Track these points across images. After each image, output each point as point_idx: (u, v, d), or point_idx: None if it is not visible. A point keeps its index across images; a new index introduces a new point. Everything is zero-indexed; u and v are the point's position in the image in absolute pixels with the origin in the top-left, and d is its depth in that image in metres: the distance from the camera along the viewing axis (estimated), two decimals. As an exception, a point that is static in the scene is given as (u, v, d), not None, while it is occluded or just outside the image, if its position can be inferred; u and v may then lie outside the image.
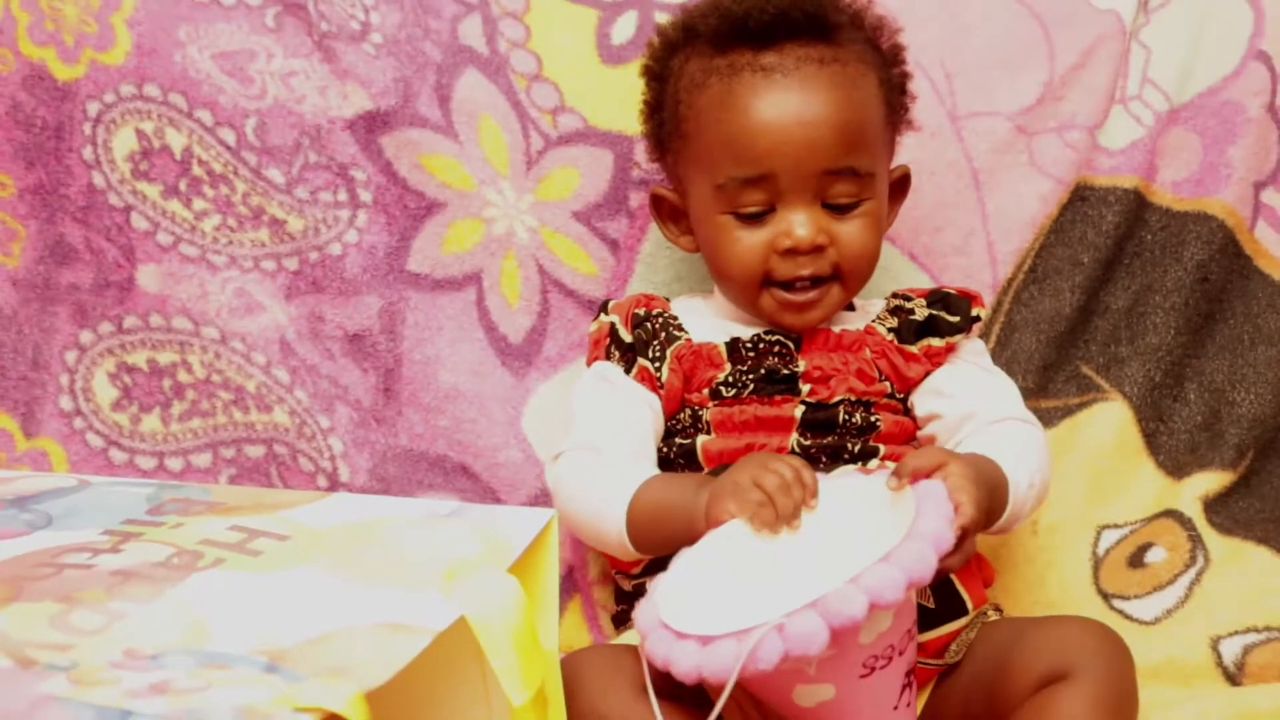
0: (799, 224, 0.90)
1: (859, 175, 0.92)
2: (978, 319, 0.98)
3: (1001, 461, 0.87)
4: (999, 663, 0.85)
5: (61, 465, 1.03)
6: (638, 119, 1.01)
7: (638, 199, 1.07)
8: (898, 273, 1.09)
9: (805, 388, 0.93)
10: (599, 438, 0.91)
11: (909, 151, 1.09)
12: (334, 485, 1.04)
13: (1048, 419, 1.10)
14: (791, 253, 0.91)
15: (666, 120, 0.97)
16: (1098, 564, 1.05)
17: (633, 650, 0.85)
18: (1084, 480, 1.08)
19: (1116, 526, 1.07)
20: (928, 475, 0.78)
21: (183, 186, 1.05)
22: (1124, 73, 1.12)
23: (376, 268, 1.06)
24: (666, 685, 0.81)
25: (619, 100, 1.06)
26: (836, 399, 0.92)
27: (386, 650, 0.60)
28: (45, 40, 1.04)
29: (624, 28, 1.08)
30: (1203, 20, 1.13)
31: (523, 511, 0.75)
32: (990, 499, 0.81)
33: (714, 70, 0.93)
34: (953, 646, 0.87)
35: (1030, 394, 1.10)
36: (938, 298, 0.98)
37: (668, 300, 1.00)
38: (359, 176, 1.06)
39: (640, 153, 1.06)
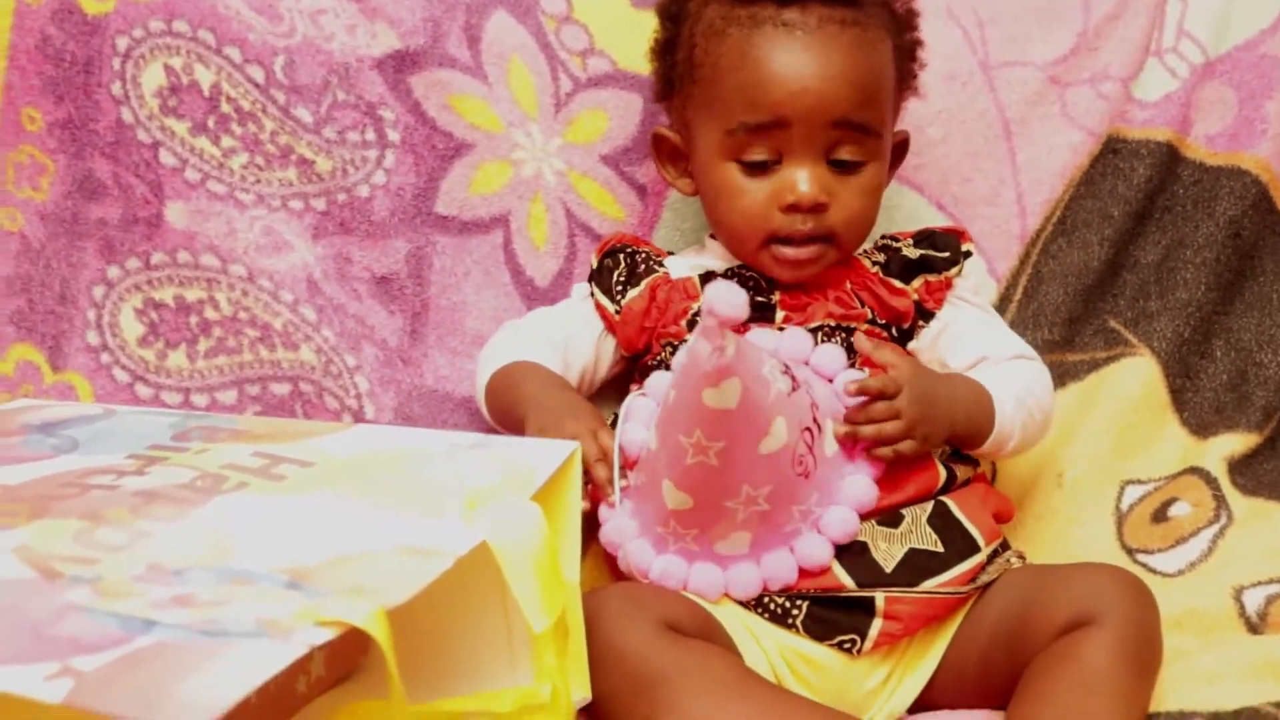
0: (803, 180, 0.92)
1: (867, 134, 0.93)
2: (968, 254, 0.99)
3: (987, 384, 0.92)
4: (1022, 608, 0.84)
5: (88, 399, 1.04)
6: (647, 57, 1.01)
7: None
8: (927, 222, 1.08)
9: (780, 314, 0.94)
10: (521, 332, 1.01)
11: (940, 100, 1.08)
12: (359, 422, 1.04)
13: (1074, 372, 1.10)
14: (794, 208, 0.92)
15: (679, 63, 0.97)
16: (1121, 519, 1.05)
17: (652, 587, 0.86)
18: (1109, 435, 1.07)
19: (1140, 482, 1.06)
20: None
21: (211, 124, 1.05)
22: (1159, 25, 1.11)
23: (404, 210, 1.06)
24: (679, 623, 0.82)
25: (649, 43, 1.05)
26: (814, 324, 0.94)
27: (408, 572, 0.61)
28: (76, -25, 1.04)
29: (654, -29, 1.07)
30: (1240, -28, 1.11)
31: (546, 443, 0.75)
32: (944, 404, 0.89)
33: (735, 20, 0.93)
34: (976, 579, 0.87)
35: (1056, 347, 1.09)
36: (924, 236, 1.00)
37: (666, 252, 1.03)
38: (387, 116, 1.06)
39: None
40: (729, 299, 0.72)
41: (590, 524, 0.98)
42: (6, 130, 1.04)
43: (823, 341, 0.93)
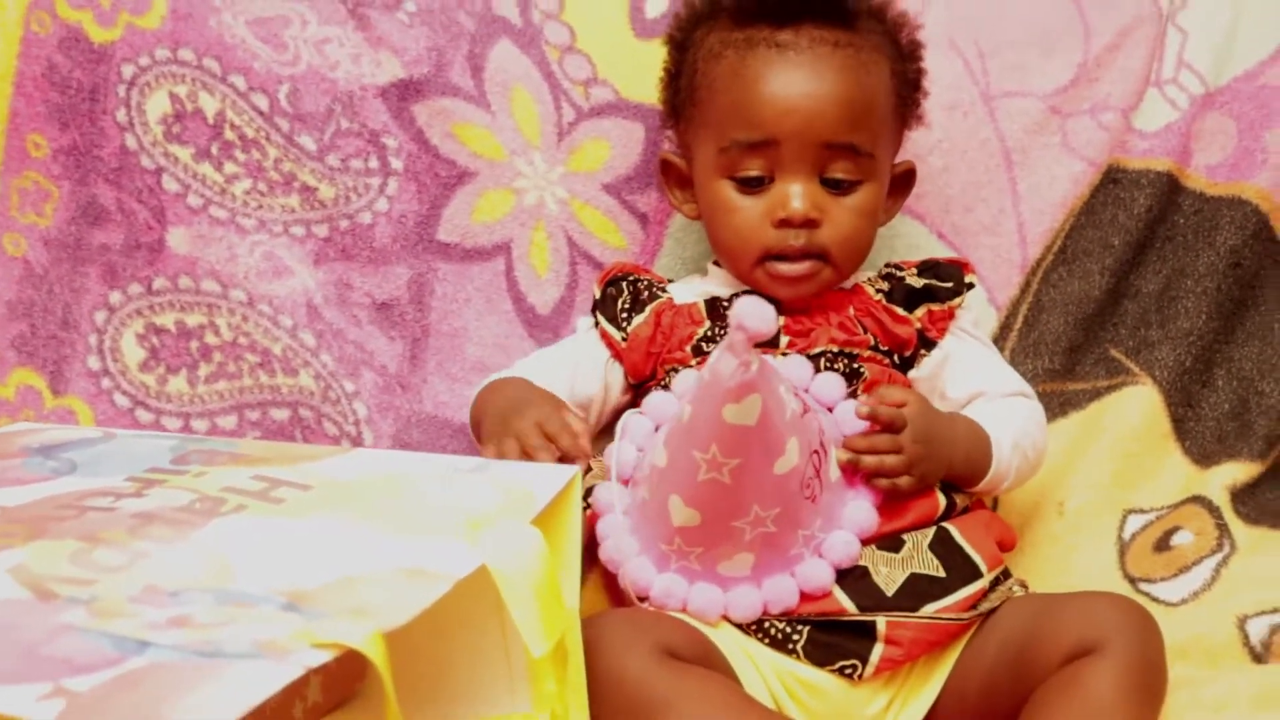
0: (795, 195, 0.93)
1: (859, 154, 0.94)
2: (971, 286, 0.99)
3: (986, 425, 0.93)
4: (1025, 637, 0.84)
5: (88, 423, 1.04)
6: (657, 87, 1.02)
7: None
8: (928, 251, 1.08)
9: (784, 339, 0.94)
10: (529, 367, 1.00)
11: (940, 130, 1.08)
12: (357, 448, 1.04)
13: (1075, 401, 1.09)
14: (786, 223, 0.93)
15: (683, 88, 0.99)
16: (1124, 548, 1.04)
17: (650, 613, 0.86)
18: (1111, 464, 1.07)
19: (1142, 511, 1.06)
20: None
21: (214, 150, 1.05)
22: (1159, 55, 1.11)
23: (406, 237, 1.06)
24: (677, 650, 0.81)
25: (651, 73, 1.05)
26: (817, 349, 0.93)
27: (406, 594, 0.60)
28: (82, 3, 1.04)
29: (657, 1, 1.08)
30: (1239, 4, 1.12)
31: (546, 467, 0.75)
32: (944, 444, 0.89)
33: (731, 43, 0.95)
34: (978, 606, 0.87)
35: (1057, 375, 1.09)
36: (928, 266, 1.00)
37: (667, 280, 1.03)
38: (390, 144, 1.06)
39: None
40: (758, 313, 0.72)
41: (589, 552, 0.98)
42: (11, 156, 1.05)
43: (825, 368, 0.93)
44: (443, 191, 1.07)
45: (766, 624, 0.86)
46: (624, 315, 0.99)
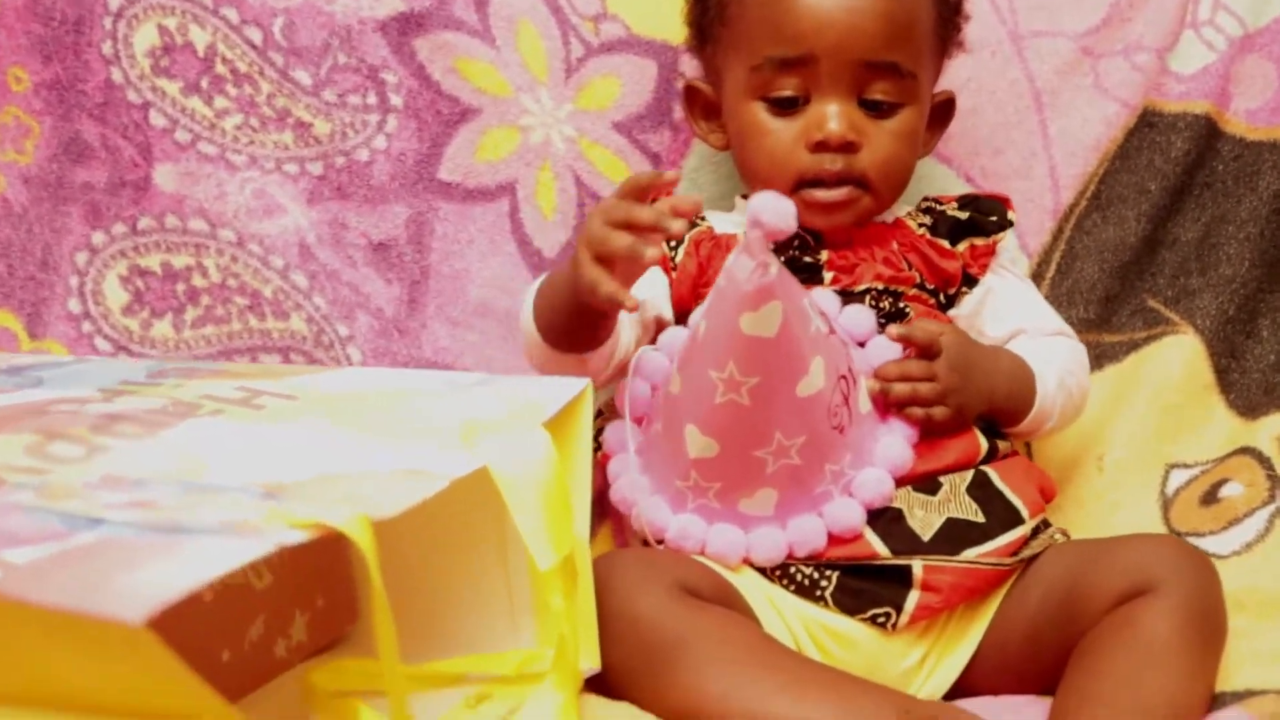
0: (832, 116, 0.86)
1: (900, 74, 0.88)
2: (1012, 223, 0.94)
3: (1029, 359, 0.88)
4: (1071, 582, 0.78)
5: (67, 369, 0.98)
6: (682, 11, 0.97)
7: (681, 111, 1.02)
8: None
9: (828, 275, 0.88)
10: None
11: (967, 69, 1.03)
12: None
13: (1112, 353, 1.04)
14: (822, 146, 0.86)
15: (711, 6, 0.93)
16: (1168, 503, 0.98)
17: (666, 553, 0.79)
18: (1152, 417, 1.01)
19: (1186, 466, 1.00)
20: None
21: (204, 84, 1.00)
22: (1195, -4, 1.06)
23: (405, 175, 1.01)
24: (695, 589, 0.75)
25: (663, 8, 1.00)
26: (862, 286, 0.88)
27: (398, 490, 0.54)
28: (68, -66, 0.99)
29: (669, -66, 1.03)
30: (1280, -56, 1.07)
31: (554, 380, 0.69)
32: (983, 375, 0.85)
33: None
34: (1019, 553, 0.80)
35: (1092, 326, 1.04)
36: (968, 200, 0.95)
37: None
38: (390, 80, 1.01)
39: (685, 63, 1.01)
40: (776, 207, 0.66)
41: (597, 503, 0.92)
42: (-9, 93, 1.00)
43: (871, 306, 0.87)
44: (444, 129, 1.01)
45: (792, 569, 0.80)
46: (671, 246, 0.91)
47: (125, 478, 0.53)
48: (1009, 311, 0.93)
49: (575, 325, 0.81)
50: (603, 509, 0.96)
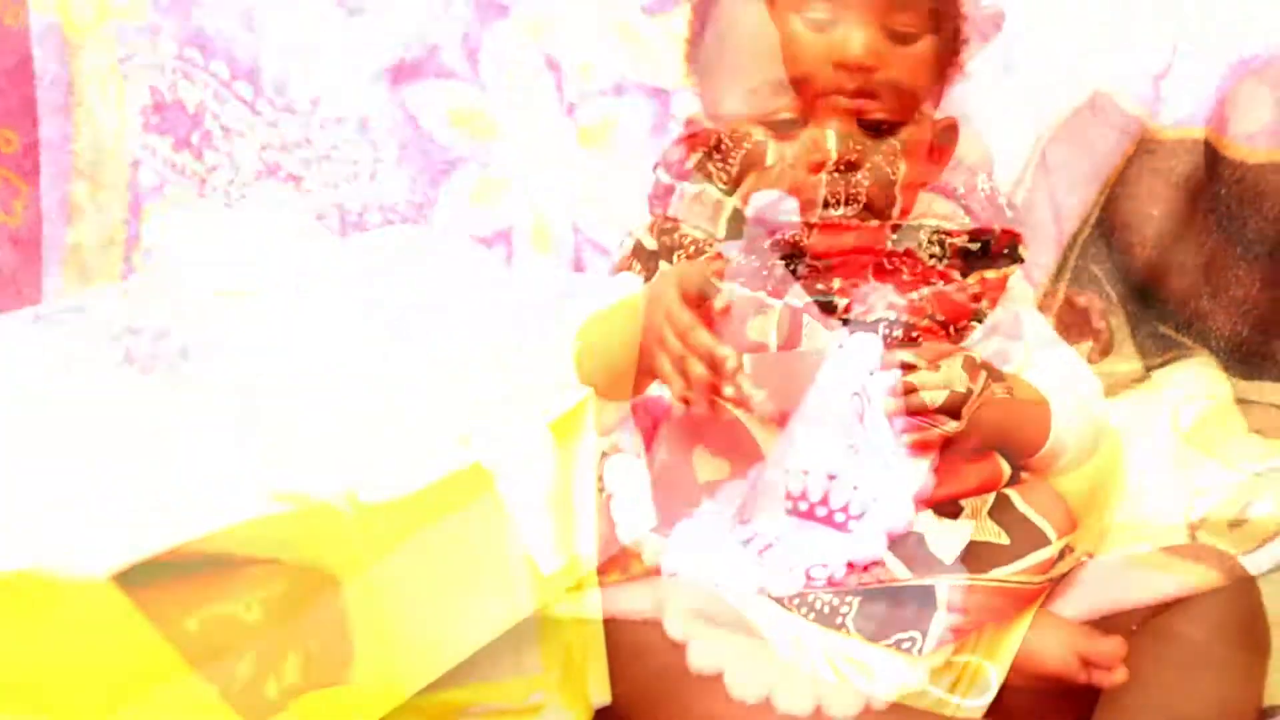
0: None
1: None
2: (1023, 258, 0.93)
3: (1044, 392, 0.87)
4: (1104, 597, 0.74)
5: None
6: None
7: (677, 153, 1.01)
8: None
9: (841, 303, 0.87)
10: None
11: (964, 100, 1.03)
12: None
13: (1127, 381, 1.02)
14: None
15: None
16: (1194, 529, 0.95)
17: (677, 582, 0.76)
18: (1171, 443, 0.98)
19: (1210, 490, 0.97)
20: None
21: (195, 139, 1.00)
22: (1189, 23, 1.07)
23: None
24: (710, 617, 0.72)
25: (658, 52, 1.01)
26: (873, 316, 0.87)
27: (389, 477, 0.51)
28: (59, -1, 1.00)
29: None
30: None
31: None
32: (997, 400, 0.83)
33: None
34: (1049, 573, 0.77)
35: (1104, 354, 1.02)
36: (980, 232, 0.93)
37: None
38: (380, 129, 1.00)
39: (678, 106, 1.01)
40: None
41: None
42: (-19, 156, 0.99)
43: (886, 342, 0.85)
44: (436, 176, 1.01)
45: (811, 597, 0.76)
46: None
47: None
48: (1020, 345, 0.91)
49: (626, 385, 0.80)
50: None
